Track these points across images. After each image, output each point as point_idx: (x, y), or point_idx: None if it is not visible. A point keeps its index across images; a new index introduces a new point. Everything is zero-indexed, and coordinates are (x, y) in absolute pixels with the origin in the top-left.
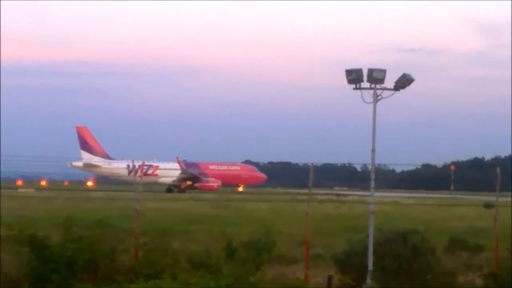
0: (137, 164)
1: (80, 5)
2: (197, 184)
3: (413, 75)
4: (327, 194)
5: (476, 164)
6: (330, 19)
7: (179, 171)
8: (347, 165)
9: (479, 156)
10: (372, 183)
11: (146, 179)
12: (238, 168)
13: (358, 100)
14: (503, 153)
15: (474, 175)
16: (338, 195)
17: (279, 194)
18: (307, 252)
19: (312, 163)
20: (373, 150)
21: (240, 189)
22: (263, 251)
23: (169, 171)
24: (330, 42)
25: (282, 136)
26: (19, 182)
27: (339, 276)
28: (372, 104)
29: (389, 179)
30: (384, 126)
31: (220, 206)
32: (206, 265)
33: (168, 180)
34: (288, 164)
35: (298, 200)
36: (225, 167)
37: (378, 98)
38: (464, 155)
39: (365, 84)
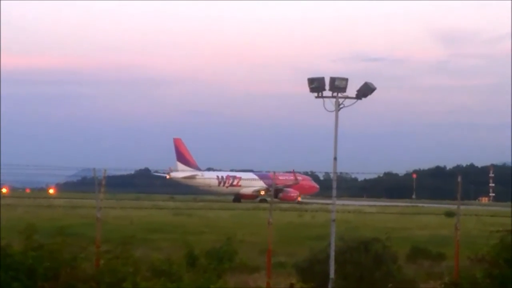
0: (224, 175)
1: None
2: (280, 195)
3: (376, 84)
4: (289, 202)
5: (438, 172)
6: (294, 28)
7: (258, 182)
8: (309, 173)
9: (441, 164)
10: (334, 192)
11: (231, 189)
12: (300, 178)
13: (320, 108)
14: (465, 161)
15: (436, 183)
16: (301, 203)
17: (241, 202)
18: (269, 261)
19: (274, 172)
20: (335, 158)
21: (299, 198)
22: (224, 259)
23: (251, 181)
24: (293, 51)
25: (244, 144)
26: None
27: (301, 284)
28: (334, 113)
29: (352, 187)
30: (347, 135)
31: (183, 214)
32: (168, 274)
33: (249, 190)
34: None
35: (260, 209)
36: (291, 177)
37: (340, 106)
38: (426, 164)
39: (327, 92)
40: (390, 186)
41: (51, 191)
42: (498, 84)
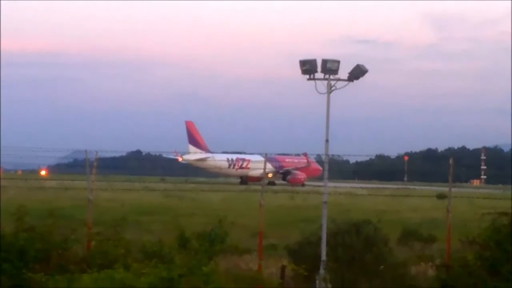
0: (234, 158)
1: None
2: (288, 177)
3: (367, 67)
4: (281, 184)
5: (430, 155)
6: (284, 12)
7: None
8: (301, 155)
9: (433, 147)
10: (326, 174)
11: (240, 171)
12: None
13: (312, 91)
14: (456, 144)
15: (427, 166)
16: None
17: (233, 184)
18: (260, 243)
19: (266, 154)
20: (327, 141)
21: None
22: (216, 241)
23: (259, 163)
24: (283, 34)
25: (236, 127)
26: None
27: (292, 266)
28: (326, 95)
29: (343, 170)
30: (339, 118)
31: (174, 196)
32: (159, 255)
33: (257, 172)
34: (242, 154)
35: (252, 191)
36: (297, 160)
37: (332, 89)
38: (418, 146)
39: (319, 75)
40: (381, 169)
41: (42, 172)
42: (489, 67)
